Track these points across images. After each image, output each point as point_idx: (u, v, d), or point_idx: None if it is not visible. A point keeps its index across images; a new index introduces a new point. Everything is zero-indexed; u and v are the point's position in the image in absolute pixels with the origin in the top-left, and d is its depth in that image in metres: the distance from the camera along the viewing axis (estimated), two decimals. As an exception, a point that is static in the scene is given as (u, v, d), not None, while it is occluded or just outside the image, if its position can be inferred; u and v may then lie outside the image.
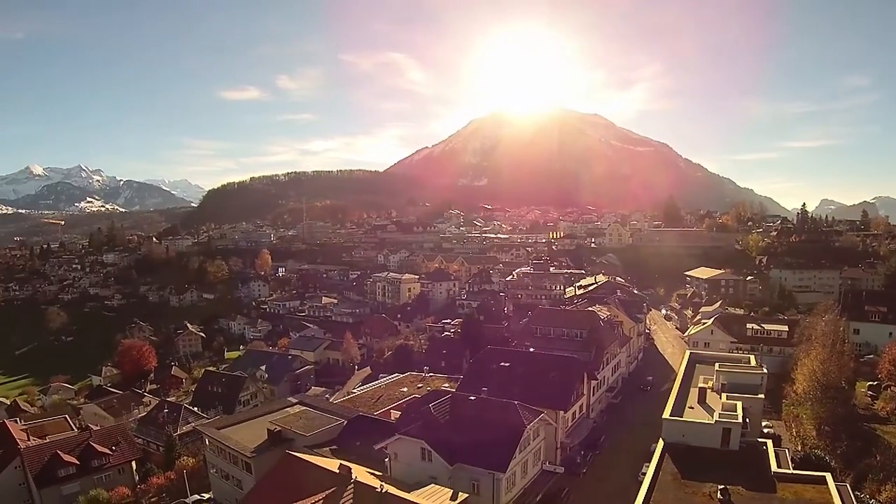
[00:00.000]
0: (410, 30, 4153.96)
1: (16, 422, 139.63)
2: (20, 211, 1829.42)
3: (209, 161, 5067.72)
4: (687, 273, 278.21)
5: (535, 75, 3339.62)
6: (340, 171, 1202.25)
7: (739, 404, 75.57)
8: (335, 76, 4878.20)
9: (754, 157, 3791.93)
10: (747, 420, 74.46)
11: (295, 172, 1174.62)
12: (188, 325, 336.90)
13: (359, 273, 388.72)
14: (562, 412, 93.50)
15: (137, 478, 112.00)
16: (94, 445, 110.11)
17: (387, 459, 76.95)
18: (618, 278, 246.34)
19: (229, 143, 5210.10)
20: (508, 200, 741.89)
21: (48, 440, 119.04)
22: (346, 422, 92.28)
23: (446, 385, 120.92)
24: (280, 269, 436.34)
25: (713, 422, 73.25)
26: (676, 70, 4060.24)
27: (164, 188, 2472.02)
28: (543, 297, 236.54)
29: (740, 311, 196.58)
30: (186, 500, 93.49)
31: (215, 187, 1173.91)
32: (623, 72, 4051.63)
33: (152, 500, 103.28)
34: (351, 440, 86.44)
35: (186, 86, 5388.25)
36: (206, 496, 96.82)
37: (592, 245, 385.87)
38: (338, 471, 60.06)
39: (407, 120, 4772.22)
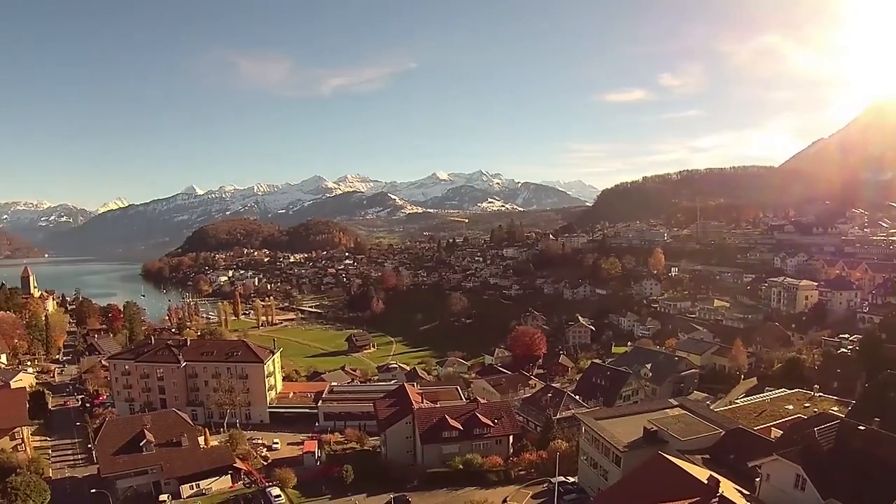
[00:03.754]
0: (782, 7, 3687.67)
1: (413, 385, 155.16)
2: (429, 210, 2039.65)
3: (600, 162, 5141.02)
4: None
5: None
6: (733, 167, 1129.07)
7: None
8: (716, 69, 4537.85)
9: None
10: None
11: (686, 171, 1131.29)
12: (579, 317, 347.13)
13: (753, 276, 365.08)
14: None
15: (512, 451, 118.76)
16: (479, 416, 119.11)
17: (758, 479, 70.98)
18: None
19: (619, 144, 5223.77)
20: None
21: (439, 405, 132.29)
22: (723, 432, 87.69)
23: (835, 409, 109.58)
24: (672, 269, 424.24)
25: None
26: None
27: (560, 189, 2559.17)
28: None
29: None
30: (553, 480, 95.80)
31: (608, 187, 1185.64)
32: None
33: (520, 472, 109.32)
34: (725, 452, 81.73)
35: (575, 92, 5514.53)
36: (571, 480, 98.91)
37: None
38: (705, 481, 57.61)
39: (795, 109, 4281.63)
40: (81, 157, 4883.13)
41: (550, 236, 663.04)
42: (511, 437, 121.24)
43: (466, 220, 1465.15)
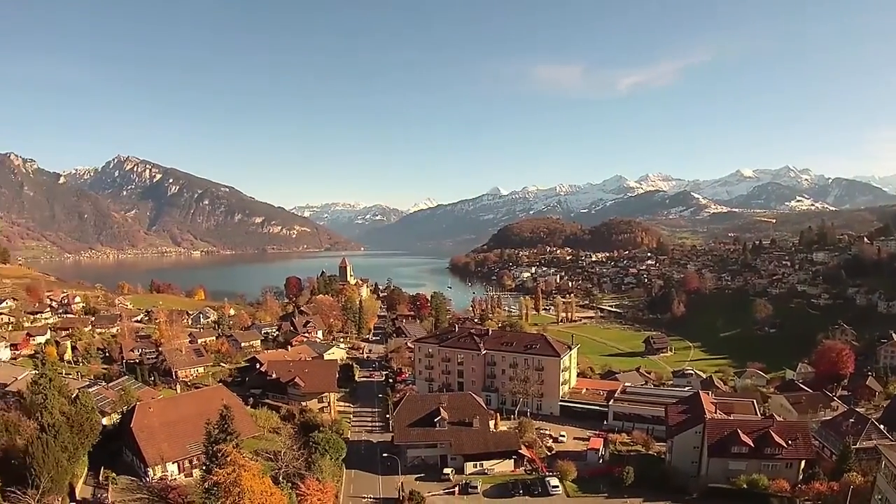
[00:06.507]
0: None
1: (707, 394, 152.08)
2: (733, 210, 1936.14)
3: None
4: None
5: None
6: None
7: None
8: None
9: None
10: None
11: None
12: (893, 334, 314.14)
13: None
14: None
15: (801, 477, 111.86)
16: (773, 435, 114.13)
17: None
18: None
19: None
20: None
21: (732, 418, 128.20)
22: None
23: None
24: None
25: None
26: None
27: (875, 185, 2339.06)
28: None
29: None
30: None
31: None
32: None
33: (806, 502, 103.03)
34: None
35: (886, 70, 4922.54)
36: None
37: None
38: None
39: None
40: (394, 163, 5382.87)
41: (865, 239, 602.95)
42: (803, 463, 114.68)
43: (774, 221, 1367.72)
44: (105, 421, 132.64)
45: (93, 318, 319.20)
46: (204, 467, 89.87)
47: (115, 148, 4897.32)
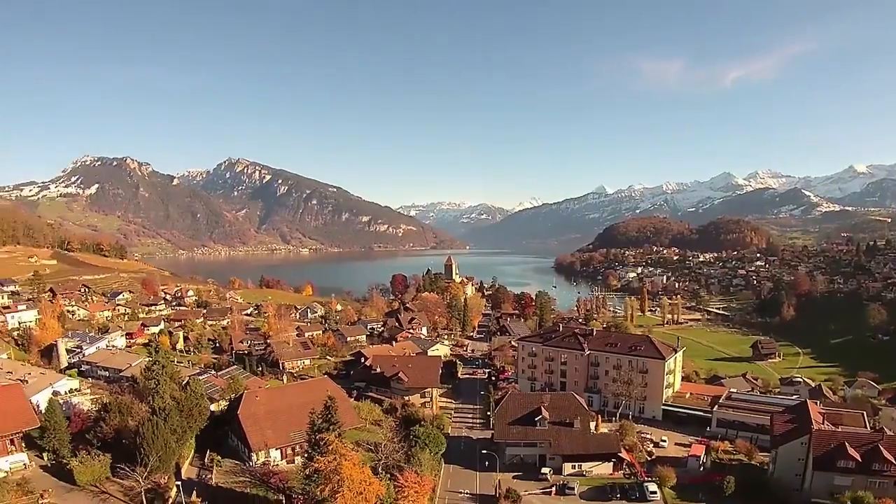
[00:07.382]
0: None
1: (815, 404, 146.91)
2: (846, 208, 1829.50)
3: None
4: None
5: None
6: None
7: None
8: None
9: None
10: None
11: None
12: None
13: None
14: None
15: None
16: (882, 450, 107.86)
17: None
18: None
19: None
20: None
21: (840, 430, 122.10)
22: None
23: None
24: None
25: None
26: None
27: None
28: None
29: None
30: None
31: None
32: None
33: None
34: None
35: None
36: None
37: None
38: None
39: None
40: (499, 162, 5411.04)
41: None
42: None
43: (889, 220, 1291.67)
44: (213, 407, 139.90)
45: (204, 311, 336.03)
46: (306, 455, 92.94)
47: (226, 150, 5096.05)
